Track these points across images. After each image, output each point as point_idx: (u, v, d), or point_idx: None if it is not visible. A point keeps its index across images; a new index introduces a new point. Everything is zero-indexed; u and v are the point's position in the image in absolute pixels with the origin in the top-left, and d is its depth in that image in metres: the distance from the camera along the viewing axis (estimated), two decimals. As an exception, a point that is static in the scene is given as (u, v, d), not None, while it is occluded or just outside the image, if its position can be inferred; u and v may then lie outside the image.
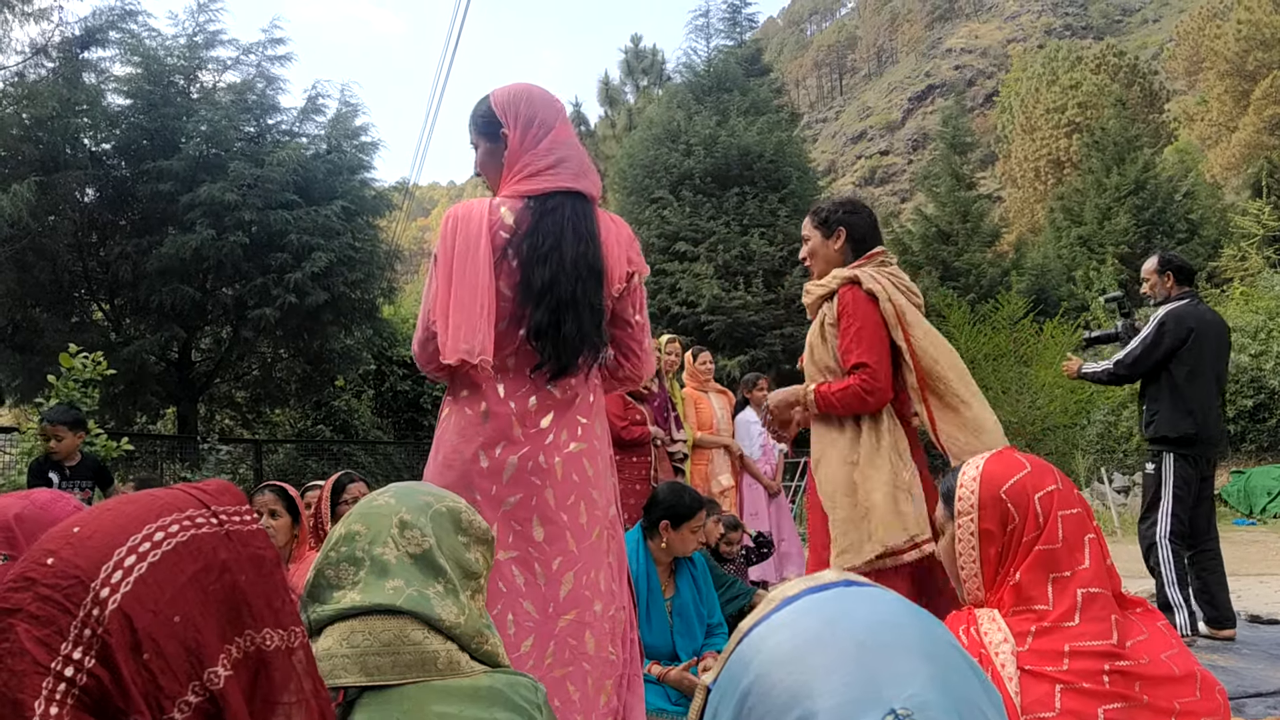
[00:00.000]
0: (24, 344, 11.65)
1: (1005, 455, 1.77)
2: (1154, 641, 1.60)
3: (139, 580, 0.94)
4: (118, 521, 0.99)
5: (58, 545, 0.96)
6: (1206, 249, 24.67)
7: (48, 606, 0.91)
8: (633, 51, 30.09)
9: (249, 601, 1.01)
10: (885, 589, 0.84)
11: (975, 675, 0.77)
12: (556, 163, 2.33)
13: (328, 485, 3.96)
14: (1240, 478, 13.59)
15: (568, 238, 2.26)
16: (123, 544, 0.96)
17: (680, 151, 18.45)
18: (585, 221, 2.30)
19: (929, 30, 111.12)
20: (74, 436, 5.08)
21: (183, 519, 1.01)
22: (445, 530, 1.40)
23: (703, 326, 17.16)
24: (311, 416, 16.35)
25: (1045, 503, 1.67)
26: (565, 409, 2.32)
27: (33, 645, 0.89)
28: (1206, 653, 4.32)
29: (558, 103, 2.46)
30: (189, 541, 0.99)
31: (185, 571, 0.97)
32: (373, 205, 14.21)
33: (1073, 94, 47.09)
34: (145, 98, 12.04)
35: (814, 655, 0.74)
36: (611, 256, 2.34)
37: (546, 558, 2.22)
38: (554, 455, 2.27)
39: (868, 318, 2.83)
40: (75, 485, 4.98)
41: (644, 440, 5.46)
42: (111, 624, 0.91)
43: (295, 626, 1.06)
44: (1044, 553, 1.64)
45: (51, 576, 0.92)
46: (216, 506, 1.05)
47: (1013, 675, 1.55)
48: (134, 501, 1.03)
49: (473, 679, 1.29)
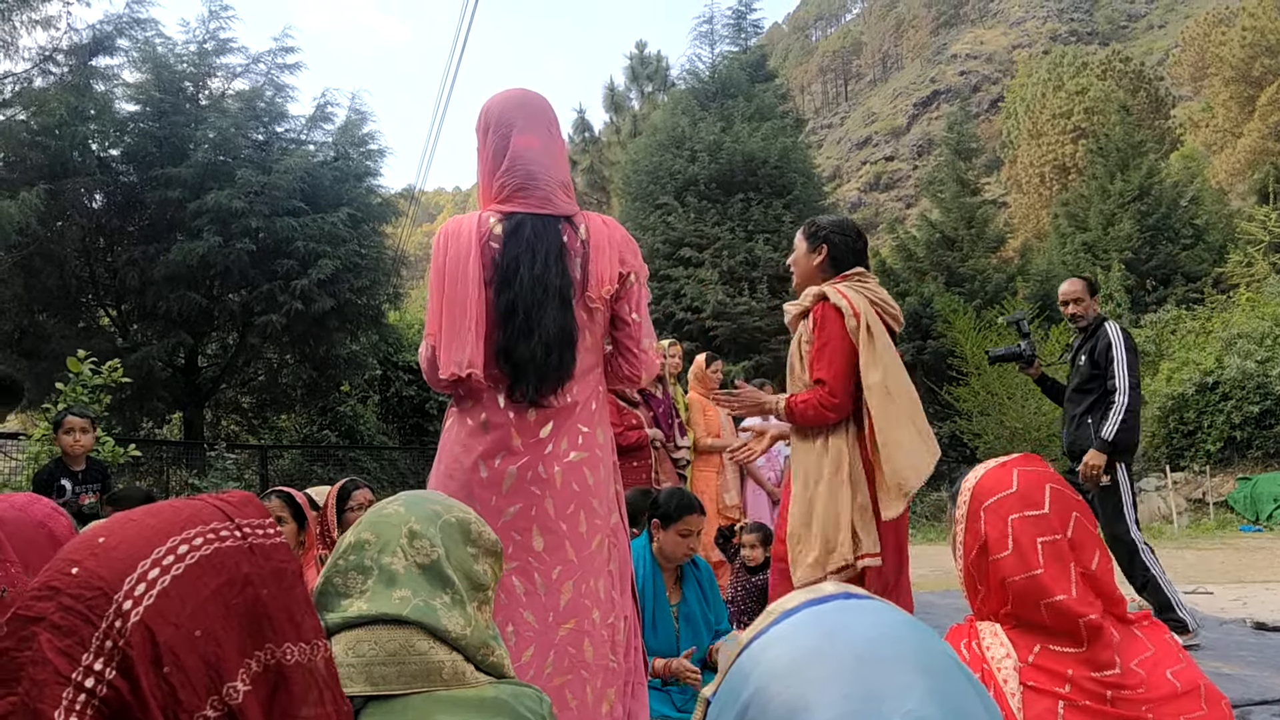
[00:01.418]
0: (31, 349, 11.69)
1: (1005, 468, 1.75)
2: (1159, 657, 1.60)
3: (161, 593, 0.94)
4: (142, 533, 0.99)
5: (82, 555, 0.96)
6: (1212, 255, 24.60)
7: (70, 617, 0.91)
8: (638, 58, 30.12)
9: (270, 615, 1.02)
10: (885, 602, 0.84)
11: (974, 688, 0.76)
12: (524, 183, 2.33)
13: (333, 492, 3.95)
14: (1247, 484, 13.55)
15: (524, 260, 2.25)
16: (146, 556, 0.96)
17: (685, 157, 18.46)
18: (545, 240, 2.28)
19: (934, 36, 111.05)
20: (92, 434, 5.05)
21: (206, 532, 1.02)
22: (454, 541, 1.40)
23: (707, 332, 17.16)
24: (317, 422, 16.36)
25: (1018, 527, 1.66)
26: (566, 417, 2.32)
27: (55, 655, 0.89)
28: (1213, 661, 4.31)
29: (535, 107, 2.43)
30: (212, 555, 1.00)
31: (208, 585, 0.98)
32: (379, 212, 14.24)
33: (1078, 100, 47.03)
34: (154, 105, 12.10)
35: (812, 669, 0.74)
36: (600, 260, 2.32)
37: (546, 567, 2.23)
38: (554, 464, 2.28)
39: (833, 334, 2.91)
40: (87, 489, 4.93)
41: (641, 444, 5.42)
42: (133, 636, 0.91)
43: (317, 639, 1.06)
44: (1026, 580, 1.62)
45: (75, 586, 0.93)
46: (240, 519, 1.06)
47: (1015, 691, 1.54)
48: (158, 513, 1.03)
49: (478, 690, 1.29)
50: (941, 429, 16.52)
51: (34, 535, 1.57)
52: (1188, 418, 15.01)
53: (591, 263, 2.32)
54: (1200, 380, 14.92)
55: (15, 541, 1.52)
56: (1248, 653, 4.56)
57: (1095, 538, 1.70)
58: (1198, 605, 6.17)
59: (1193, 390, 14.98)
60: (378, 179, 14.52)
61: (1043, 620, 1.60)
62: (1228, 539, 11.42)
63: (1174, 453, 15.14)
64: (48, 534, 1.59)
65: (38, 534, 1.57)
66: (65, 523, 1.65)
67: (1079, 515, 1.70)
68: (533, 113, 2.40)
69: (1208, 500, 13.93)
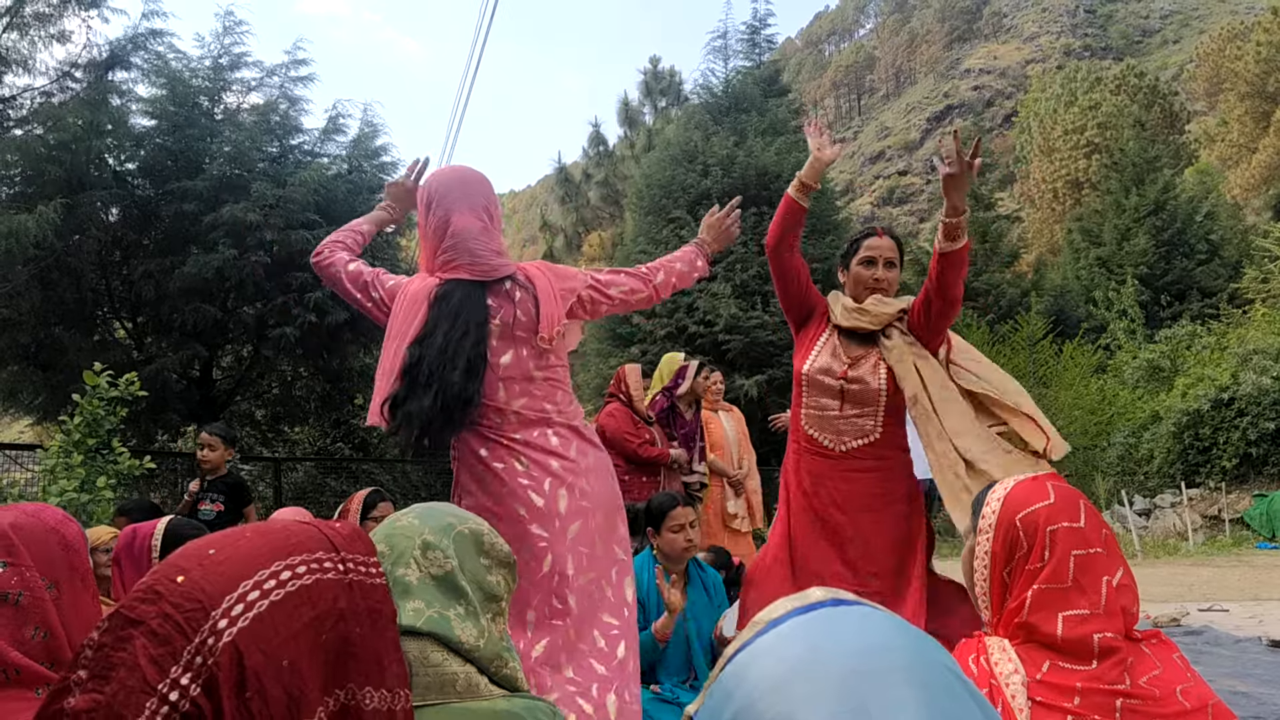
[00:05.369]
0: (47, 362, 11.76)
1: (1038, 481, 1.75)
2: (1167, 675, 1.59)
3: (257, 618, 0.94)
4: (250, 552, 0.99)
5: (190, 565, 0.97)
6: (1228, 270, 24.50)
7: (168, 625, 0.92)
8: (651, 73, 30.21)
9: (357, 655, 1.01)
10: (876, 607, 0.80)
11: (974, 701, 0.73)
12: (463, 258, 2.53)
13: (358, 501, 3.98)
14: (1263, 501, 13.43)
15: (442, 325, 2.43)
16: (249, 577, 0.97)
17: (698, 172, 18.49)
18: (467, 309, 2.47)
19: (947, 51, 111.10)
20: (225, 450, 5.37)
21: (310, 560, 1.02)
22: (468, 552, 1.40)
23: (720, 346, 17.14)
24: (330, 434, 16.37)
25: (1056, 538, 1.65)
26: (542, 452, 2.51)
27: (147, 663, 0.90)
28: (1228, 679, 4.28)
29: (472, 186, 2.63)
30: (312, 585, 1.00)
31: (303, 616, 0.97)
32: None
33: (1092, 115, 46.93)
34: (170, 119, 12.18)
35: (799, 684, 0.70)
36: (548, 304, 2.53)
37: (569, 587, 2.42)
38: (557, 490, 2.48)
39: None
40: (207, 496, 5.27)
41: (662, 461, 5.41)
42: (223, 657, 0.91)
43: (401, 689, 1.06)
44: (1051, 591, 1.62)
45: (178, 595, 0.93)
46: (345, 553, 1.06)
47: (1023, 706, 1.54)
48: (268, 534, 1.04)
49: (491, 702, 1.28)
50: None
51: (47, 540, 1.58)
52: (1203, 434, 14.91)
53: (542, 306, 2.51)
54: (1216, 396, 14.82)
55: (30, 547, 1.54)
56: (1263, 670, 4.52)
57: (1120, 554, 1.70)
58: (1213, 622, 6.13)
59: (1208, 406, 14.88)
60: (391, 192, 14.57)
61: (1055, 633, 1.60)
62: (1243, 556, 11.32)
63: (1189, 469, 15.04)
64: (60, 539, 1.61)
65: (51, 539, 1.59)
66: (75, 529, 1.66)
67: (1107, 532, 1.70)
68: (470, 192, 2.60)
69: (1223, 517, 13.82)
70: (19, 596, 1.48)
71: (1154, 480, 15.70)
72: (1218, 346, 17.85)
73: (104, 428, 6.39)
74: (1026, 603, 1.63)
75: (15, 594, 1.48)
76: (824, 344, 3.13)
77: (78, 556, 1.63)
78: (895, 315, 3.08)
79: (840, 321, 3.12)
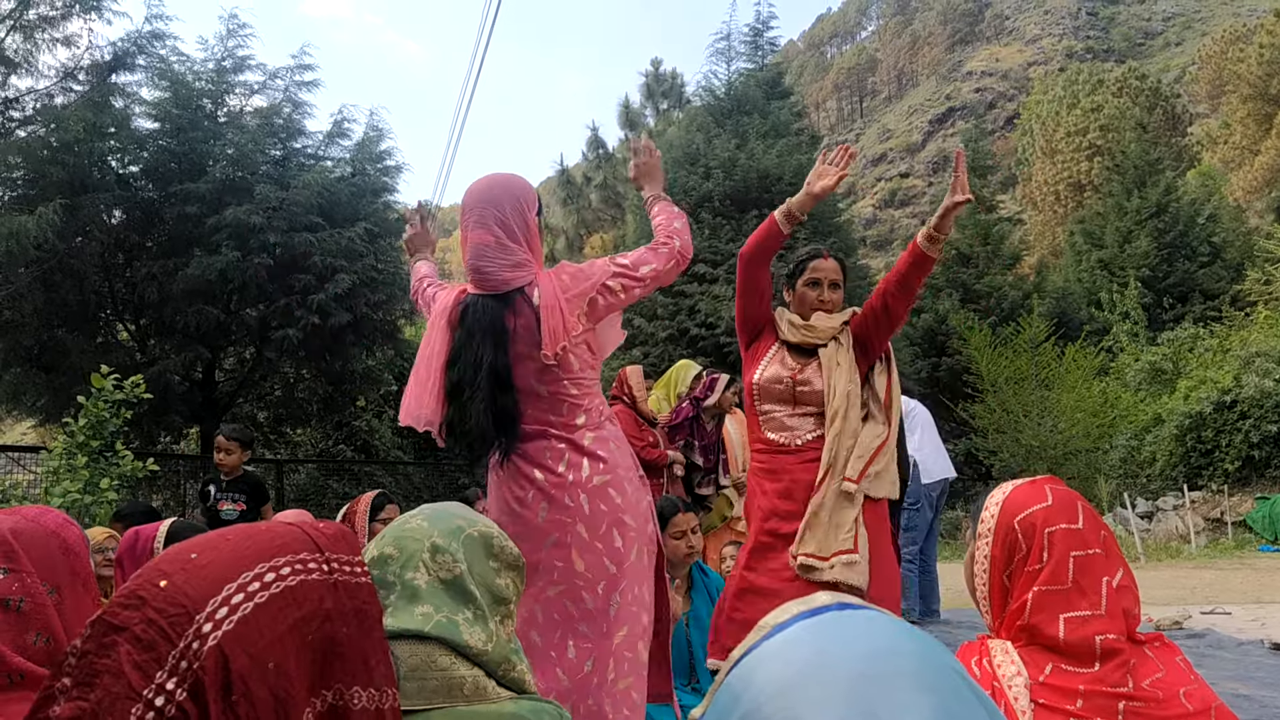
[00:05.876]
0: (50, 364, 11.77)
1: (1036, 484, 1.76)
2: (1170, 678, 1.59)
3: (242, 620, 0.94)
4: (233, 555, 0.99)
5: (174, 569, 0.96)
6: (1230, 272, 24.46)
7: (151, 631, 0.91)
8: (653, 75, 30.20)
9: (344, 655, 1.01)
10: (883, 611, 0.80)
11: (982, 705, 0.73)
12: (476, 277, 2.62)
13: (365, 504, 3.98)
14: (1266, 504, 13.40)
15: (466, 345, 2.55)
16: (233, 580, 0.96)
17: (699, 174, 18.48)
18: (482, 324, 2.55)
19: (949, 53, 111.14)
20: (242, 453, 5.46)
21: (295, 562, 1.01)
22: (477, 556, 1.39)
23: (722, 348, 17.12)
24: (333, 436, 16.40)
25: (1054, 539, 1.66)
26: (576, 450, 2.57)
27: (131, 669, 0.89)
28: (1230, 682, 4.27)
29: (491, 199, 2.65)
30: (297, 587, 0.99)
31: (288, 618, 0.97)
32: (395, 227, 14.27)
33: (1094, 117, 46.93)
34: (173, 121, 12.19)
35: (806, 688, 0.70)
36: (551, 319, 2.53)
37: (591, 584, 2.46)
38: (578, 492, 2.50)
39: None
40: (229, 496, 5.37)
41: (660, 463, 5.43)
42: (208, 661, 0.90)
43: (388, 687, 1.05)
44: (1051, 592, 1.63)
45: (161, 600, 0.93)
46: (330, 553, 1.06)
47: (1026, 709, 1.54)
48: (252, 536, 1.03)
49: (498, 705, 1.28)
50: (957, 446, 16.41)
51: (48, 544, 1.58)
52: (1205, 436, 14.89)
53: (543, 321, 2.53)
54: (1218, 399, 14.80)
55: (31, 552, 1.54)
56: (1265, 673, 4.52)
57: (1120, 555, 1.70)
58: (1215, 625, 6.12)
59: (1210, 409, 14.86)
60: (395, 195, 14.58)
61: (1057, 636, 1.60)
62: (1246, 559, 11.30)
63: (1191, 471, 15.02)
64: (61, 543, 1.61)
65: (52, 543, 1.59)
66: (76, 533, 1.67)
67: (1106, 534, 1.71)
68: (487, 206, 2.63)
69: (1226, 520, 13.79)
70: (20, 602, 1.48)
71: (1156, 483, 15.68)
72: (1220, 349, 17.82)
73: (108, 430, 6.41)
74: (1028, 605, 1.64)
75: (17, 600, 1.48)
76: (773, 356, 3.36)
77: (79, 560, 1.63)
78: (839, 329, 3.33)
79: (788, 337, 3.35)
